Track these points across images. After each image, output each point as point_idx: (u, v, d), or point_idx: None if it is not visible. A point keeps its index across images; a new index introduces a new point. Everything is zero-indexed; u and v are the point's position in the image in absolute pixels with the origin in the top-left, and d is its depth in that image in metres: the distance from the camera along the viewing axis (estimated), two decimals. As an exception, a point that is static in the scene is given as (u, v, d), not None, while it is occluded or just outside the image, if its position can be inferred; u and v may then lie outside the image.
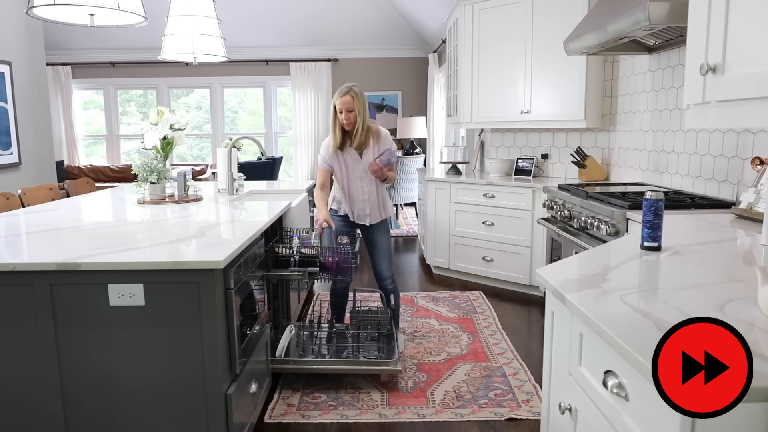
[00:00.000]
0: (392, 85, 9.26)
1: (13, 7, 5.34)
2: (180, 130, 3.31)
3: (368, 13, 8.24)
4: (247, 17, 8.18)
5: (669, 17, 2.35)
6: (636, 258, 1.61)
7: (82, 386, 1.83)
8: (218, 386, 1.85)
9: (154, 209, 2.90)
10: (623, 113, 3.96)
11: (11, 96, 5.32)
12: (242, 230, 2.27)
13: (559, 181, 4.15)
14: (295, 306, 3.42)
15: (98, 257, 1.80)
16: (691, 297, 1.23)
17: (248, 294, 2.17)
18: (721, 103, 1.44)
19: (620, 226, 2.54)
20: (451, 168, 4.94)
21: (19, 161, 5.45)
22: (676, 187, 3.20)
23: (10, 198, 3.38)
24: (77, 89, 9.27)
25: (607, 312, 1.14)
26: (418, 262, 5.35)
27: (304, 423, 2.42)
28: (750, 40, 1.34)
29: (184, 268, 1.78)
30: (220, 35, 3.85)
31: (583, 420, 1.25)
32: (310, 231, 3.10)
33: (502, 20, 4.43)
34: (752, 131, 2.54)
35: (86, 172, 8.72)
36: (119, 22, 2.79)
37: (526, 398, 2.62)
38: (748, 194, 2.28)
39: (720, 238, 1.94)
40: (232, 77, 9.21)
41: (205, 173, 8.46)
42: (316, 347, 2.91)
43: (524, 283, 4.18)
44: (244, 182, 4.05)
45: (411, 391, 2.69)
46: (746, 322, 1.05)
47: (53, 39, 8.42)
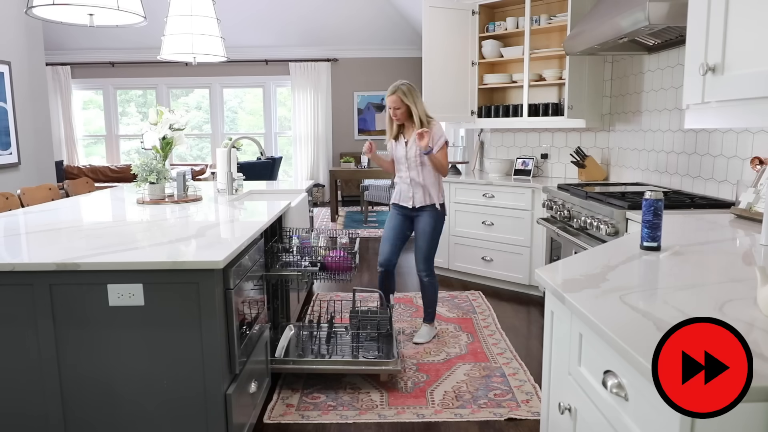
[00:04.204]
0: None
1: (12, 6, 5.34)
2: (179, 130, 3.31)
3: (368, 12, 8.24)
4: (247, 17, 8.18)
5: (668, 17, 2.35)
6: (635, 258, 1.61)
7: (82, 386, 1.83)
8: (218, 386, 1.85)
9: (153, 209, 2.90)
10: (623, 113, 3.96)
11: (11, 96, 5.31)
12: (242, 230, 2.27)
13: (558, 181, 4.15)
14: (294, 306, 3.42)
15: (98, 257, 1.80)
16: (690, 297, 1.23)
17: (248, 294, 2.17)
18: (721, 103, 1.44)
19: (620, 226, 2.54)
20: (450, 168, 4.94)
21: (18, 161, 5.45)
22: (676, 186, 3.20)
23: (9, 198, 3.37)
24: (76, 89, 9.27)
25: (607, 312, 1.14)
26: (417, 262, 5.34)
27: (304, 423, 2.42)
28: (749, 41, 1.34)
29: (183, 268, 1.77)
30: (219, 35, 3.85)
31: (582, 420, 1.25)
32: (309, 231, 3.10)
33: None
34: (752, 131, 2.54)
35: (86, 172, 8.72)
36: (118, 22, 2.79)
37: (526, 398, 2.62)
38: (747, 194, 2.28)
39: (719, 238, 1.94)
40: (231, 77, 9.21)
41: (205, 173, 8.45)
42: (316, 347, 2.91)
43: (524, 283, 4.18)
44: (244, 182, 4.04)
45: (410, 392, 2.69)
46: (746, 322, 1.05)
47: (53, 39, 8.41)
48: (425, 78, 4.56)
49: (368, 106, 9.33)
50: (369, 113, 9.34)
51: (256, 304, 2.31)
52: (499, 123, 4.57)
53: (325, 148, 9.28)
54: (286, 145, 9.63)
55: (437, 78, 4.57)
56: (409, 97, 3.07)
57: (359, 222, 7.55)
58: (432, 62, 4.56)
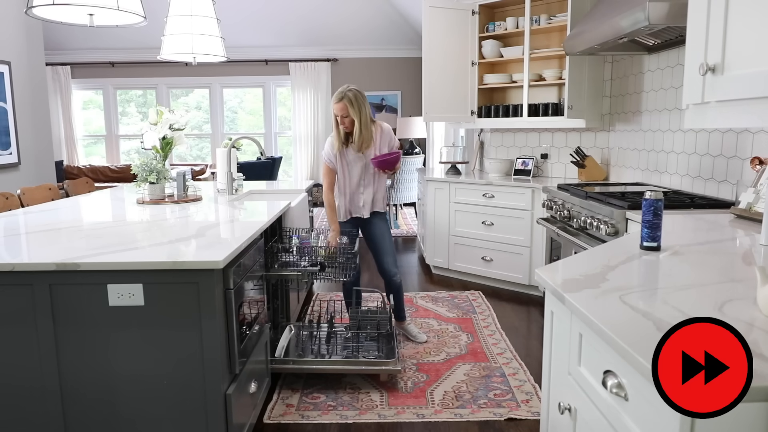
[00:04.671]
0: (392, 85, 9.26)
1: (12, 6, 5.34)
2: (179, 130, 3.31)
3: (367, 12, 8.24)
4: (247, 17, 8.18)
5: (668, 17, 2.35)
6: (635, 258, 1.61)
7: (82, 386, 1.83)
8: (218, 386, 1.85)
9: (153, 209, 2.90)
10: (623, 113, 3.96)
11: (10, 96, 5.31)
12: (242, 230, 2.27)
13: (558, 181, 4.15)
14: (294, 306, 3.42)
15: (97, 257, 1.80)
16: (690, 297, 1.23)
17: (248, 294, 2.17)
18: (721, 103, 1.44)
19: (619, 226, 2.54)
20: (450, 168, 4.94)
21: (18, 161, 5.44)
22: (676, 187, 3.20)
23: (9, 198, 3.37)
24: (76, 89, 9.27)
25: (607, 312, 1.14)
26: (417, 262, 5.35)
27: (304, 423, 2.42)
28: (749, 40, 1.34)
29: (183, 268, 1.77)
30: (219, 35, 3.85)
31: (582, 420, 1.25)
32: (309, 231, 3.10)
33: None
34: (751, 131, 2.54)
35: (85, 172, 8.72)
36: (118, 22, 2.79)
37: (526, 398, 2.62)
38: (747, 194, 2.28)
39: (719, 238, 1.94)
40: (231, 77, 9.21)
41: (205, 173, 8.46)
42: (316, 347, 2.91)
43: (524, 283, 4.18)
44: (244, 182, 4.04)
45: (410, 392, 2.69)
46: (745, 322, 1.05)
47: (52, 39, 8.41)
48: (425, 78, 4.56)
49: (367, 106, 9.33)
50: (370, 112, 9.33)
51: (256, 304, 2.31)
52: (499, 123, 4.57)
53: (325, 148, 9.27)
54: (286, 145, 9.63)
55: (437, 78, 4.57)
56: (353, 106, 2.99)
57: (359, 222, 7.54)
58: (432, 62, 4.56)
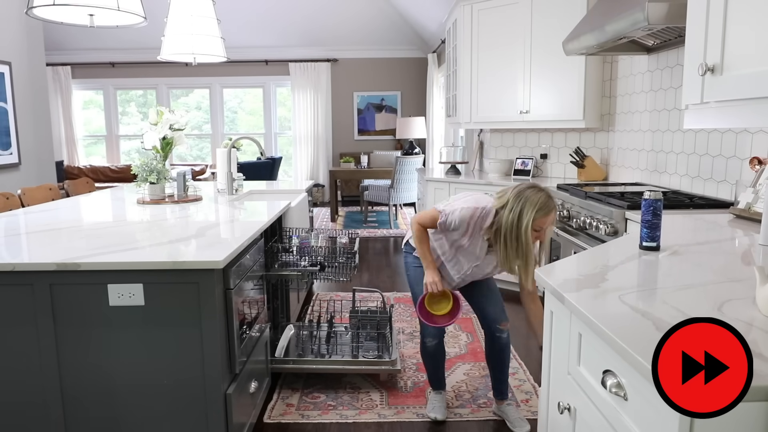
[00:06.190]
0: (391, 86, 9.26)
1: (12, 7, 5.34)
2: (179, 130, 3.31)
3: (368, 13, 8.24)
4: (247, 17, 8.18)
5: (667, 17, 2.35)
6: (635, 258, 1.61)
7: (82, 386, 1.83)
8: (218, 386, 1.85)
9: (153, 209, 2.90)
10: (622, 113, 3.96)
11: (11, 96, 5.31)
12: (242, 230, 2.27)
13: (558, 181, 4.15)
14: (294, 306, 3.42)
15: (98, 257, 1.80)
16: (689, 297, 1.23)
17: (248, 294, 2.18)
18: (720, 103, 1.44)
19: (619, 226, 2.54)
20: (450, 168, 4.94)
21: (18, 161, 5.44)
22: (675, 187, 3.20)
23: (9, 198, 3.37)
24: (77, 89, 9.27)
25: (606, 312, 1.14)
26: (417, 262, 5.34)
27: (304, 423, 2.42)
28: (748, 41, 1.34)
29: (183, 268, 1.78)
30: (219, 35, 3.85)
31: (581, 419, 1.25)
32: (309, 231, 3.10)
33: (501, 20, 4.43)
34: (750, 131, 2.54)
35: (86, 172, 8.72)
36: (119, 22, 2.79)
37: (525, 398, 2.62)
38: (746, 194, 2.28)
39: (718, 237, 1.94)
40: (231, 77, 9.21)
41: (205, 173, 8.46)
42: (316, 347, 2.91)
43: (523, 283, 4.17)
44: (244, 182, 4.04)
45: (410, 391, 2.69)
46: (745, 322, 1.05)
47: (53, 39, 8.41)
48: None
49: (368, 107, 9.33)
50: (369, 113, 9.35)
51: (256, 304, 2.31)
52: (499, 123, 4.57)
53: (325, 149, 9.29)
54: (286, 145, 9.63)
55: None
56: None
57: (359, 222, 7.55)
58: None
